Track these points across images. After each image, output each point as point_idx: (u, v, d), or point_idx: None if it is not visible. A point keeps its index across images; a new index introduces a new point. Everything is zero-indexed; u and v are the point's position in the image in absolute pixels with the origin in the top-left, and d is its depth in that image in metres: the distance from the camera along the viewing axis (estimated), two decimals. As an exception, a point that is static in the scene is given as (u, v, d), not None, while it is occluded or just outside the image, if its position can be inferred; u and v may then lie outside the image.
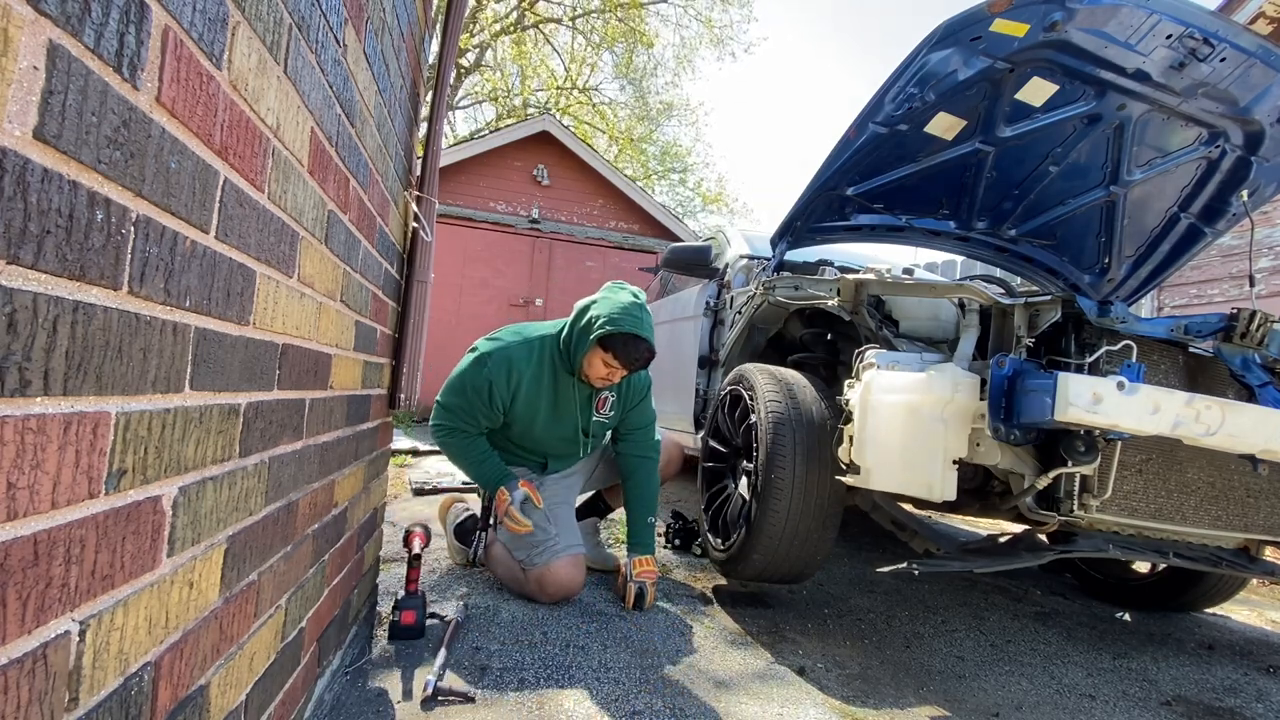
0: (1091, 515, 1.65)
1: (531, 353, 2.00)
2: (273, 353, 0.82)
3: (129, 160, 0.49)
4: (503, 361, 1.95)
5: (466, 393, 1.94)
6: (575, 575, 1.97)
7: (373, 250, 1.36)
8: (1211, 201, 2.54)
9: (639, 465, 2.17)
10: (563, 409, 2.05)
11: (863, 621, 2.08)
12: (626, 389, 2.15)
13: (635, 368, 1.92)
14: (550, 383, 2.02)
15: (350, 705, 1.31)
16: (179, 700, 0.64)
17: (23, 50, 0.38)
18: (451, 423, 1.98)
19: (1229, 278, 5.80)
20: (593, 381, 1.97)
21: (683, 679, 1.56)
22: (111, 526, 0.51)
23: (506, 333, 2.06)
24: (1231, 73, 1.98)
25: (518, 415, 2.01)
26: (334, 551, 1.23)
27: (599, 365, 1.92)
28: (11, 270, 0.39)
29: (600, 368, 1.92)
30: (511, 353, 1.96)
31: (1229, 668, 2.00)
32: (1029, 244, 2.94)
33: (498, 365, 1.94)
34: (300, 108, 0.83)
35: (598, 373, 1.93)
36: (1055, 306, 1.62)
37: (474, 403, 1.95)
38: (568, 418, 2.07)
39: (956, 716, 1.51)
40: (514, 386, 1.96)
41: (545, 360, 2.01)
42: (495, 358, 1.94)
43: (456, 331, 7.49)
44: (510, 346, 1.98)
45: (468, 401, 1.95)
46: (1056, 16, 1.82)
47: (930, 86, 2.04)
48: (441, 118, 1.82)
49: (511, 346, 1.98)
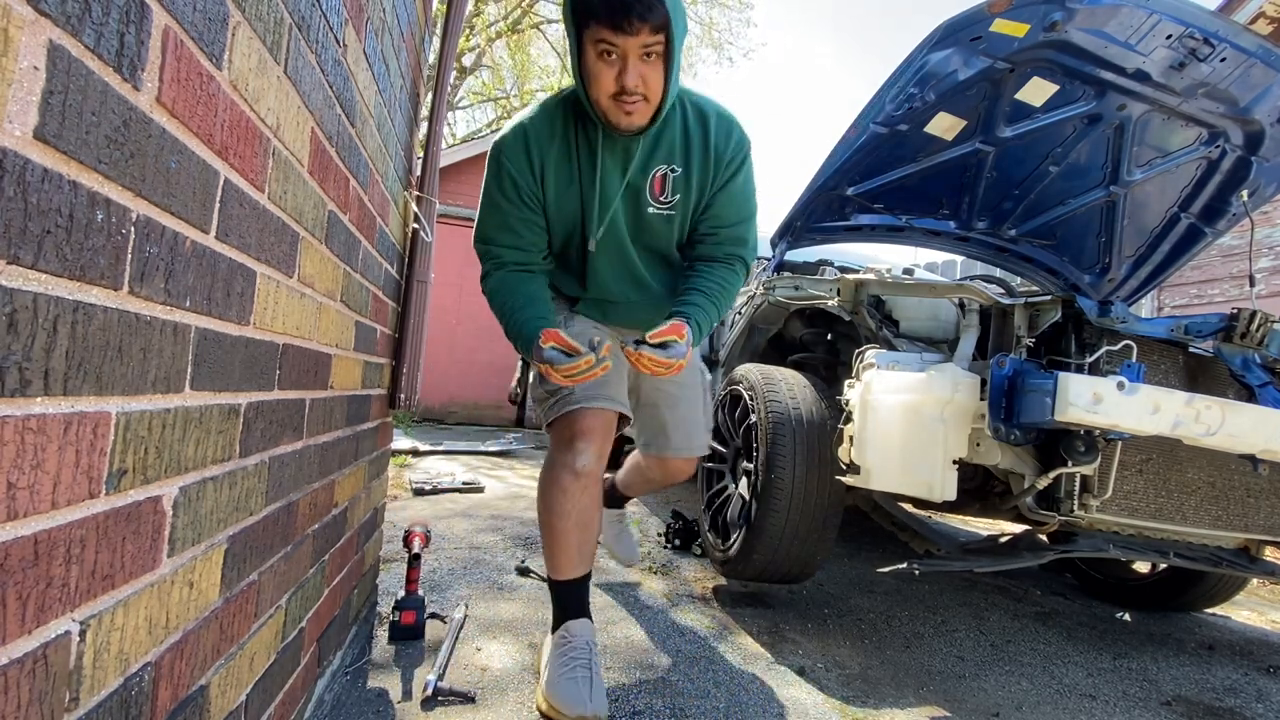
0: (1092, 515, 1.65)
1: (553, 120, 1.41)
2: (273, 353, 0.82)
3: (129, 160, 0.49)
4: (517, 139, 1.41)
5: (492, 197, 1.44)
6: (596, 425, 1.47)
7: (373, 250, 1.36)
8: (1211, 201, 2.54)
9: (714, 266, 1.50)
10: (605, 186, 1.41)
11: (863, 621, 2.08)
12: (700, 152, 1.41)
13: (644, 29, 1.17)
14: (584, 151, 1.41)
15: (350, 705, 1.31)
16: (179, 700, 0.64)
17: (23, 50, 0.38)
18: (489, 255, 1.48)
19: (1229, 278, 5.80)
20: (613, 119, 1.29)
21: (683, 679, 1.56)
22: (112, 526, 0.51)
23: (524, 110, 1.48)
24: (1232, 73, 1.98)
25: (553, 211, 1.45)
26: (334, 551, 1.23)
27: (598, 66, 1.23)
28: (11, 270, 0.39)
29: (601, 70, 1.23)
30: (527, 125, 1.41)
31: (1229, 668, 2.00)
32: (1029, 244, 2.94)
33: (513, 145, 1.41)
34: (300, 108, 0.83)
35: (605, 87, 1.24)
36: (1055, 306, 1.62)
37: (504, 211, 1.43)
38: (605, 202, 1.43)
39: (956, 716, 1.51)
40: (539, 166, 1.41)
41: (571, 121, 1.41)
42: (509, 139, 1.42)
43: (456, 331, 7.49)
44: (524, 120, 1.42)
45: (498, 214, 1.44)
46: (1056, 16, 1.82)
47: (930, 86, 2.04)
48: (441, 118, 1.82)
49: (526, 119, 1.42)
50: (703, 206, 1.48)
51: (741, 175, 1.47)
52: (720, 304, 1.47)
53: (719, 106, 1.46)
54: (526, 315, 1.39)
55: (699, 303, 1.43)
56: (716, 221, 1.49)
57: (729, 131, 1.44)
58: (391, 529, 2.41)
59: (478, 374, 7.54)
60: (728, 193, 1.47)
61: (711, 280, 1.47)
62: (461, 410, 7.49)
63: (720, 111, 1.45)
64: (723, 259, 1.51)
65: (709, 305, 1.44)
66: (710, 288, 1.46)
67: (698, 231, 1.51)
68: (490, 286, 1.47)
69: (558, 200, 1.43)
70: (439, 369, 7.29)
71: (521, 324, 1.38)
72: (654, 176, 1.42)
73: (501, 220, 1.44)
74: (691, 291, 1.45)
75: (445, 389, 7.40)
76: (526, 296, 1.43)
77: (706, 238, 1.51)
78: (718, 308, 1.47)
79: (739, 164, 1.46)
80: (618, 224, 1.47)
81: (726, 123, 1.44)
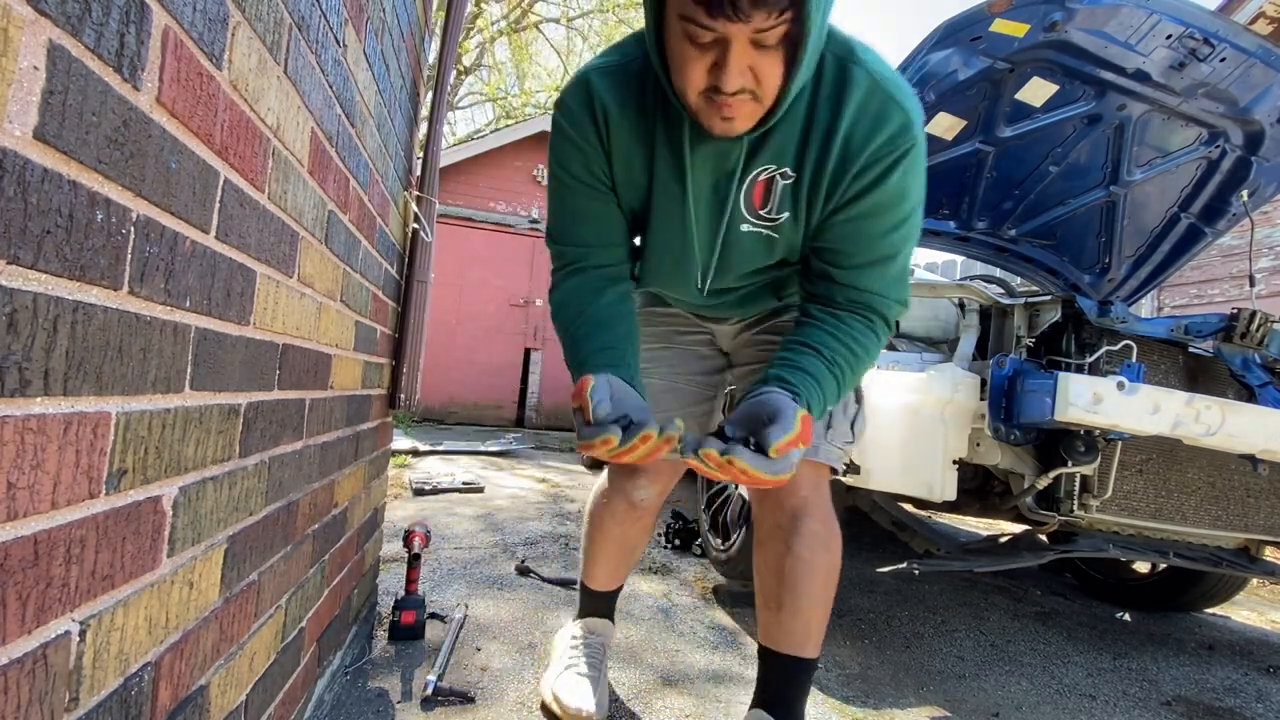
0: (1091, 515, 1.65)
1: (628, 76, 0.95)
2: (273, 353, 0.82)
3: (129, 160, 0.49)
4: (579, 94, 0.97)
5: (557, 177, 1.03)
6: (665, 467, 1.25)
7: (373, 250, 1.36)
8: (1211, 201, 2.54)
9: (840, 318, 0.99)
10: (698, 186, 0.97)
11: (863, 621, 2.08)
12: (819, 148, 0.92)
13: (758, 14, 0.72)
14: (663, 139, 0.95)
15: (350, 705, 1.31)
16: (179, 700, 0.64)
17: (23, 50, 0.38)
18: (562, 257, 1.07)
19: (1229, 278, 5.81)
20: (705, 121, 0.85)
21: (683, 679, 1.56)
22: (111, 526, 0.51)
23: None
24: (1231, 73, 1.98)
25: (620, 188, 1.02)
26: (334, 551, 1.23)
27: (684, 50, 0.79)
28: (11, 270, 0.39)
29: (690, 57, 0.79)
30: (593, 77, 0.96)
31: (1229, 668, 2.00)
32: (1029, 244, 2.94)
33: (575, 103, 0.97)
34: (300, 108, 0.83)
35: (693, 82, 0.80)
36: (1055, 306, 1.63)
37: (575, 194, 1.02)
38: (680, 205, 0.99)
39: (956, 716, 1.51)
40: (605, 133, 0.97)
41: (651, 87, 0.94)
42: (570, 94, 0.98)
43: (456, 331, 7.49)
44: (590, 68, 0.98)
45: (569, 199, 1.03)
46: (1056, 16, 1.82)
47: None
48: (441, 118, 1.82)
49: (593, 67, 0.98)
50: (816, 230, 0.98)
51: (880, 190, 0.91)
52: (846, 376, 0.96)
53: (876, 72, 0.89)
54: (590, 348, 0.98)
55: (815, 370, 0.92)
56: (833, 256, 0.97)
57: (880, 116, 0.88)
58: (391, 529, 2.41)
59: (478, 374, 7.54)
60: (853, 215, 0.94)
61: (838, 339, 0.96)
62: (461, 410, 7.49)
63: (876, 82, 0.88)
64: (845, 307, 0.99)
65: (826, 376, 0.93)
66: (834, 351, 0.95)
67: (811, 264, 1.02)
68: (557, 299, 1.06)
69: (622, 188, 1.02)
70: (439, 369, 7.29)
71: (583, 359, 0.97)
72: (755, 180, 0.95)
73: (574, 207, 1.03)
74: (803, 351, 0.95)
75: (445, 389, 7.40)
76: (595, 319, 1.00)
77: (819, 279, 1.01)
78: (840, 381, 0.95)
79: (882, 171, 0.90)
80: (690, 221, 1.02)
81: (879, 102, 0.88)
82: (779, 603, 1.16)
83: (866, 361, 0.99)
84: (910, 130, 0.90)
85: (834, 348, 0.95)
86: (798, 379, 0.91)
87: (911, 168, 0.92)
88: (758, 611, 1.22)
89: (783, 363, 0.94)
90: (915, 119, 0.90)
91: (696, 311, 1.31)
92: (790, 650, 1.15)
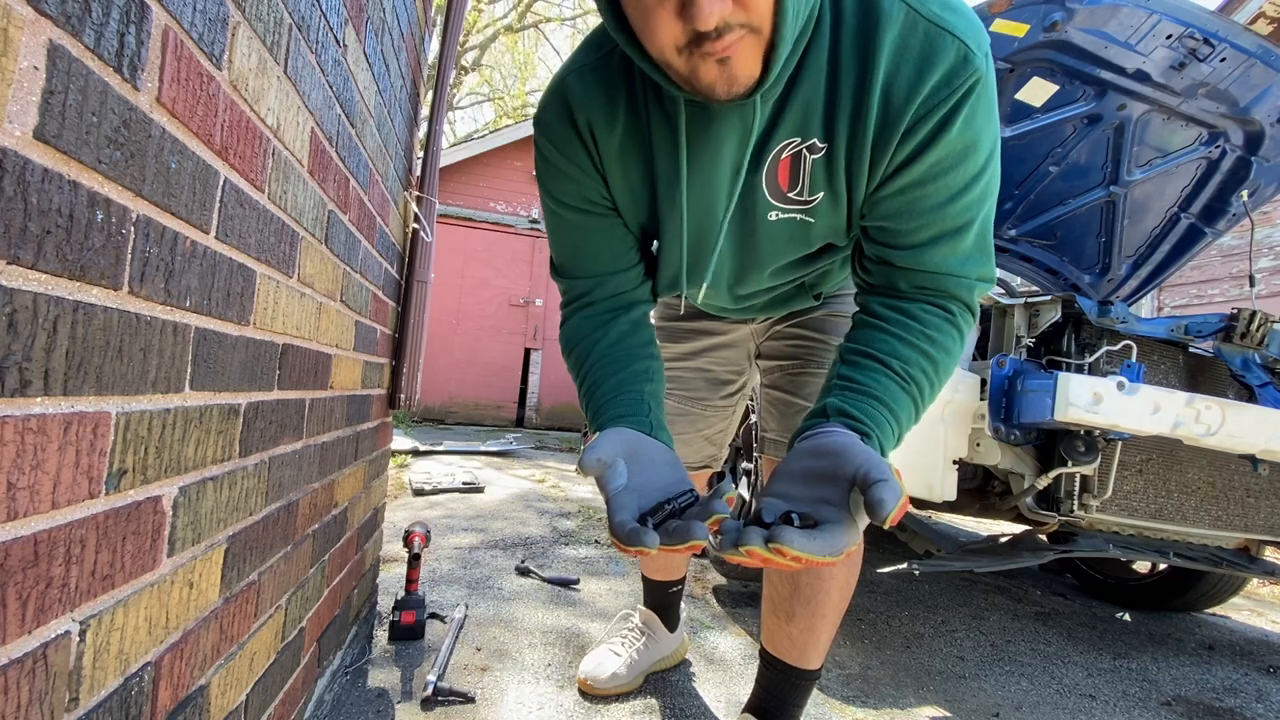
0: (1091, 515, 1.65)
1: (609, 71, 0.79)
2: (273, 353, 0.82)
3: (129, 160, 0.49)
4: (556, 105, 0.81)
5: (548, 206, 0.89)
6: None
7: (373, 250, 1.36)
8: (1211, 201, 2.54)
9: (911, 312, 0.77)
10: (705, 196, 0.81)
11: (862, 621, 2.08)
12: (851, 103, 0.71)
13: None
14: (661, 128, 0.78)
15: (350, 705, 1.31)
16: (179, 700, 0.64)
17: (23, 50, 0.38)
18: (568, 292, 0.92)
19: (1229, 278, 5.81)
20: (702, 82, 0.64)
21: (683, 679, 1.56)
22: (111, 526, 0.51)
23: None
24: (1231, 73, 1.98)
25: (623, 207, 0.86)
26: (334, 551, 1.23)
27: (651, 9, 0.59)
28: (11, 270, 0.39)
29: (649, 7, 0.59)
30: (569, 81, 0.80)
31: (1229, 668, 2.00)
32: (1029, 244, 2.94)
33: (553, 119, 0.82)
34: (300, 108, 0.83)
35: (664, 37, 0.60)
36: (1055, 306, 1.63)
37: (569, 224, 0.88)
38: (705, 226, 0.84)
39: (956, 716, 1.51)
40: (592, 145, 0.81)
41: (637, 79, 0.78)
42: (547, 107, 0.83)
43: (456, 331, 7.50)
44: (565, 73, 0.82)
45: (564, 231, 0.89)
46: (1056, 16, 1.82)
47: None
48: (441, 118, 1.82)
49: (568, 71, 0.81)
50: (865, 206, 0.79)
51: (939, 147, 0.71)
52: (925, 393, 0.75)
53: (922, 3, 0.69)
54: (603, 395, 0.82)
55: (887, 394, 0.72)
56: (890, 235, 0.78)
57: (927, 53, 0.68)
58: (391, 529, 2.41)
59: (478, 374, 7.55)
60: (908, 182, 0.74)
61: (911, 344, 0.75)
62: (461, 410, 7.49)
63: (912, 8, 0.68)
64: (913, 297, 0.78)
65: (901, 400, 0.72)
66: (907, 362, 0.74)
67: (865, 248, 0.82)
68: (564, 337, 0.91)
69: (625, 208, 0.86)
70: (439, 369, 7.30)
71: (597, 408, 0.81)
72: (778, 159, 0.77)
73: (575, 241, 0.89)
74: (868, 366, 0.74)
75: (445, 389, 7.41)
76: (606, 359, 0.85)
77: (877, 265, 0.81)
78: (919, 402, 0.75)
79: (939, 123, 0.69)
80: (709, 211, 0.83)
81: (922, 33, 0.68)
82: (790, 614, 1.10)
83: (948, 366, 0.77)
84: (971, 63, 0.68)
85: (907, 357, 0.73)
86: (866, 409, 0.69)
87: (980, 108, 0.70)
88: (764, 616, 1.18)
89: (844, 385, 0.72)
90: (975, 46, 0.68)
91: (720, 314, 1.18)
92: (797, 662, 1.13)
